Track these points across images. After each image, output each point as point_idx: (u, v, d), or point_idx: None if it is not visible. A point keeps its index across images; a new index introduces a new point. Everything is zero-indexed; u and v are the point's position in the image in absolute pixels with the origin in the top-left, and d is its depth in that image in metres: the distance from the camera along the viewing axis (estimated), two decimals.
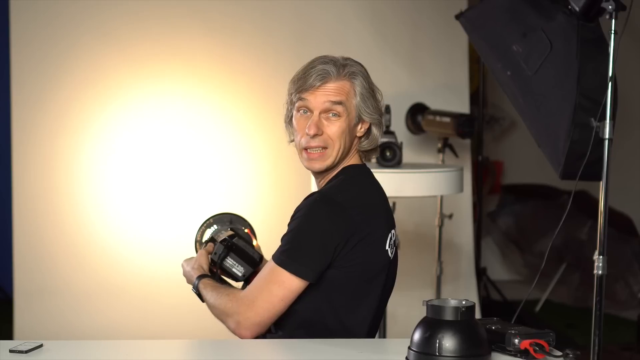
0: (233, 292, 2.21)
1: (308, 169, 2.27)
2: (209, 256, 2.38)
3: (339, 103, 2.20)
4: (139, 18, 4.54)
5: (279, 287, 2.12)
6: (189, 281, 2.38)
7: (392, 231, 2.25)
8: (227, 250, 2.35)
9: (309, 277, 2.12)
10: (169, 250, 4.52)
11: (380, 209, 2.23)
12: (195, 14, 4.57)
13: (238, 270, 2.35)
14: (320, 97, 2.20)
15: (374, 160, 3.68)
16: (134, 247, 4.53)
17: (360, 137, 2.27)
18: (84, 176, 4.51)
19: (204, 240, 2.52)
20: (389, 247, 2.23)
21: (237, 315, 2.15)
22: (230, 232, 2.42)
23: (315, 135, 2.21)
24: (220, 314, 2.21)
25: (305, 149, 2.23)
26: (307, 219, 2.13)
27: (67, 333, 4.34)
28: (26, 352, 1.91)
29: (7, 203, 4.65)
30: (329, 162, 2.23)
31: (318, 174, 2.29)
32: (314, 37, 4.64)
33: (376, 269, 2.20)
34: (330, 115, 2.21)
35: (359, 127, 2.25)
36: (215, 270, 2.36)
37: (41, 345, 1.96)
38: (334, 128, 2.21)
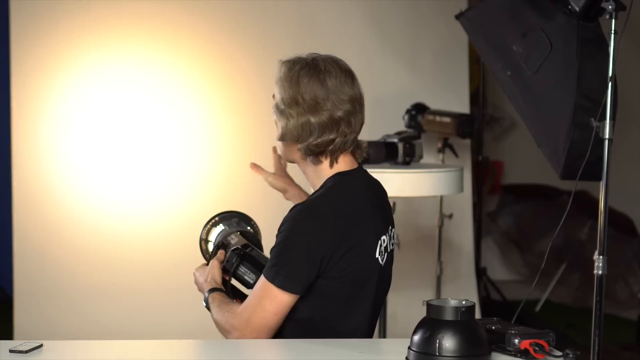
0: (233, 309, 2.21)
1: None
2: (221, 265, 2.38)
3: (273, 97, 2.27)
4: (139, 21, 4.55)
5: (271, 301, 2.11)
6: (200, 291, 2.38)
7: (383, 237, 2.22)
8: (240, 259, 2.35)
9: (296, 291, 2.11)
10: (169, 251, 4.53)
11: (367, 216, 2.19)
12: (194, 15, 4.57)
13: (250, 277, 2.34)
14: None
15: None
16: (135, 247, 4.53)
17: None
18: (85, 177, 4.51)
19: (209, 239, 2.51)
20: (379, 254, 2.21)
21: (235, 332, 2.16)
22: (243, 241, 2.41)
23: None
24: (222, 330, 2.22)
25: None
26: (292, 232, 2.12)
27: (67, 333, 4.34)
28: (26, 352, 1.91)
29: (7, 203, 4.65)
30: (282, 154, 2.32)
31: (306, 176, 2.29)
32: (314, 37, 4.64)
33: (366, 277, 2.18)
34: None
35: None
36: (227, 278, 2.36)
37: (41, 345, 1.96)
38: None
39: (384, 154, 3.68)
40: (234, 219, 2.54)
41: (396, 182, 3.53)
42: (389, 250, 2.26)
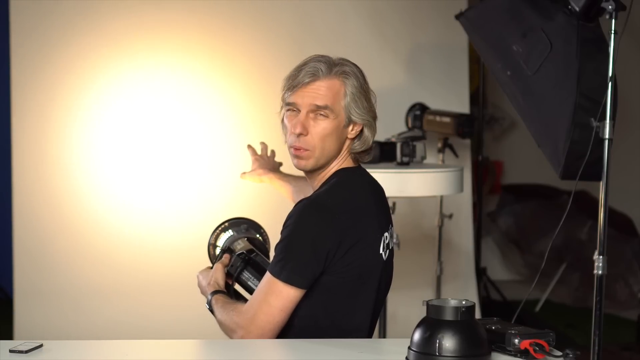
0: (238, 308, 2.20)
1: (296, 167, 2.26)
2: (225, 269, 2.37)
3: (325, 107, 2.18)
4: (138, 23, 4.54)
5: (276, 297, 2.11)
6: (203, 294, 2.38)
7: (386, 234, 2.24)
8: (244, 264, 2.35)
9: (302, 285, 2.11)
10: (169, 251, 4.52)
11: (371, 212, 2.21)
12: (193, 14, 4.56)
13: (253, 283, 2.35)
14: (308, 97, 2.19)
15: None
16: (135, 247, 4.53)
17: (352, 139, 2.24)
18: (85, 176, 4.51)
19: (217, 244, 2.51)
20: (383, 249, 2.22)
21: (240, 330, 2.15)
22: (249, 246, 2.41)
23: (300, 135, 2.19)
24: (226, 330, 2.22)
25: (292, 147, 2.22)
26: (297, 227, 2.12)
27: (67, 333, 4.34)
28: (26, 352, 1.91)
29: (7, 203, 4.65)
30: (312, 161, 2.21)
31: (310, 176, 2.28)
32: (313, 36, 4.64)
33: (370, 272, 2.19)
34: (318, 115, 2.19)
35: (350, 128, 2.22)
36: (230, 283, 2.36)
37: (41, 345, 1.96)
38: (319, 128, 2.19)
39: (378, 154, 3.68)
40: (243, 225, 2.54)
41: (396, 182, 3.53)
42: (390, 247, 2.27)
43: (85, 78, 4.50)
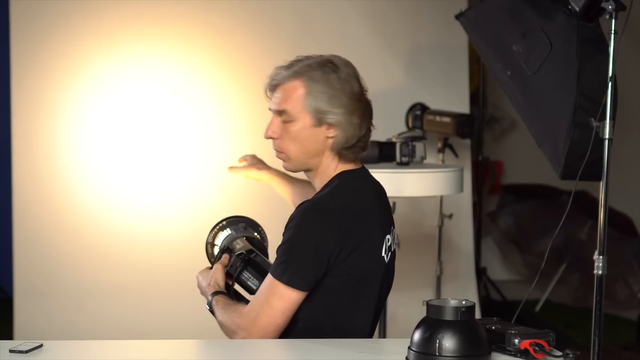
0: (239, 309, 2.20)
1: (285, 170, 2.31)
2: (225, 269, 2.37)
3: (282, 111, 2.19)
4: (138, 21, 4.55)
5: (278, 299, 2.11)
6: (203, 294, 2.38)
7: (388, 236, 2.23)
8: (244, 264, 2.35)
9: (304, 287, 2.11)
10: (169, 251, 4.53)
11: (374, 214, 2.20)
12: (192, 14, 4.57)
13: (253, 283, 2.34)
14: (272, 103, 2.23)
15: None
16: (135, 247, 4.53)
17: (333, 137, 2.19)
18: (84, 177, 4.51)
19: (216, 243, 2.51)
20: (385, 252, 2.22)
21: (242, 332, 2.15)
22: (248, 246, 2.41)
23: (271, 138, 2.24)
24: (227, 332, 2.21)
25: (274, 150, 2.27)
26: (299, 229, 2.12)
27: (67, 333, 4.34)
28: (26, 352, 1.91)
29: (7, 203, 4.65)
30: (292, 163, 2.23)
31: (309, 176, 2.28)
32: (312, 36, 4.64)
33: (372, 275, 2.19)
34: (283, 119, 2.21)
35: (326, 127, 2.18)
36: (230, 283, 2.36)
37: (41, 345, 1.96)
38: (287, 132, 2.20)
39: (377, 154, 3.68)
40: (241, 224, 2.54)
41: (396, 182, 3.53)
42: (392, 249, 2.27)
43: (80, 75, 4.50)
